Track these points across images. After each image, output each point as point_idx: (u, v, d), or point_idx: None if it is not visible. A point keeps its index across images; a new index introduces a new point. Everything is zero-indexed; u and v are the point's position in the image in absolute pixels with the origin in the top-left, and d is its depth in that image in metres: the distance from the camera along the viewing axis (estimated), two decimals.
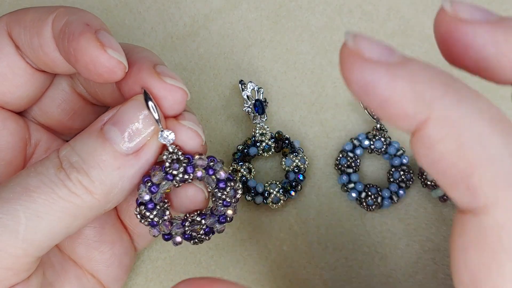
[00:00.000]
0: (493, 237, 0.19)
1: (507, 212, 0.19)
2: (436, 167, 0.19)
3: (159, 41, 0.37)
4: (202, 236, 0.28)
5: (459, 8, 0.20)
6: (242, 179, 0.35)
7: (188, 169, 0.27)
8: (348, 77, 0.20)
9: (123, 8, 0.38)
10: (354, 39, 0.20)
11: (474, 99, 0.19)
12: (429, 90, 0.19)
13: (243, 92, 0.36)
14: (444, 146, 0.19)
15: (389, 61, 0.19)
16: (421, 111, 0.19)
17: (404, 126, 0.20)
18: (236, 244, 0.35)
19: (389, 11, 0.39)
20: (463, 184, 0.19)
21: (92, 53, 0.25)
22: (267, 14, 0.39)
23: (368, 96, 0.19)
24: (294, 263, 0.35)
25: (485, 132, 0.19)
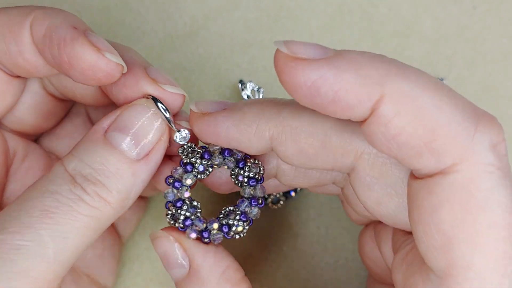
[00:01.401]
0: (464, 193, 0.19)
1: (475, 166, 0.19)
2: (396, 142, 0.20)
3: (159, 41, 0.37)
4: (240, 225, 0.27)
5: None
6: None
7: (205, 155, 0.27)
8: (292, 82, 0.20)
9: (123, 7, 0.38)
10: (286, 45, 0.20)
11: (415, 71, 0.20)
12: (374, 71, 0.20)
13: (243, 92, 0.36)
14: (401, 119, 0.19)
15: (327, 56, 0.20)
16: (373, 92, 0.19)
17: (360, 114, 0.20)
18: (236, 244, 0.35)
19: (389, 11, 0.39)
20: (426, 150, 0.19)
21: (90, 59, 0.24)
22: (267, 14, 0.39)
23: (318, 95, 0.20)
24: (294, 264, 0.35)
25: (436, 98, 0.19)
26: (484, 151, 0.20)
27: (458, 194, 0.20)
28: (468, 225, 0.20)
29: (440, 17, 0.39)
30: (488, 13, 0.40)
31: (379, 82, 0.20)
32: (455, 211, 0.20)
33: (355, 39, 0.39)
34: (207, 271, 0.26)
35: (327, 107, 0.20)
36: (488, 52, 0.39)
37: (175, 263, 0.26)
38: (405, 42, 0.39)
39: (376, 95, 0.20)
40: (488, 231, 0.20)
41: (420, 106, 0.19)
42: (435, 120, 0.19)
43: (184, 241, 0.26)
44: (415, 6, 0.39)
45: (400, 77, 0.20)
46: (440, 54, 0.39)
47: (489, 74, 0.39)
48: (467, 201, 0.20)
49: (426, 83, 0.20)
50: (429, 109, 0.19)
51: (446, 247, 0.20)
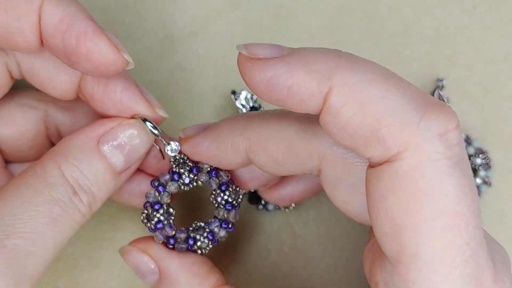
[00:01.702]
0: (409, 180, 0.20)
1: (419, 154, 0.20)
2: (346, 131, 0.21)
3: (159, 41, 0.37)
4: (205, 242, 0.29)
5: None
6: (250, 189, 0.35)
7: (193, 170, 0.29)
8: (252, 81, 0.22)
9: (123, 7, 0.38)
10: (246, 47, 0.22)
11: (365, 63, 0.21)
12: (324, 65, 0.21)
13: (237, 102, 0.36)
14: (348, 109, 0.20)
15: (279, 54, 0.21)
16: (323, 84, 0.21)
17: (314, 106, 0.21)
18: (236, 244, 0.35)
19: (389, 11, 0.39)
20: (373, 138, 0.20)
21: (110, 57, 0.25)
22: (267, 14, 0.39)
23: (274, 90, 0.21)
24: (294, 264, 0.35)
25: (382, 88, 0.20)
26: (429, 139, 0.20)
27: (403, 182, 0.20)
28: (414, 213, 0.20)
29: (440, 17, 0.39)
30: (488, 13, 0.40)
31: (327, 75, 0.21)
32: (401, 198, 0.20)
33: (355, 39, 0.39)
34: (175, 271, 0.28)
35: (284, 101, 0.22)
36: (488, 52, 0.39)
37: (146, 271, 0.28)
38: (405, 42, 0.39)
39: (326, 87, 0.21)
40: (434, 219, 0.20)
41: (366, 96, 0.20)
42: (380, 109, 0.20)
43: (149, 250, 0.28)
44: (415, 6, 0.39)
45: (348, 70, 0.21)
46: (440, 54, 0.39)
47: (489, 74, 0.39)
48: (412, 188, 0.20)
49: (373, 74, 0.21)
50: (375, 99, 0.20)
51: (395, 234, 0.20)
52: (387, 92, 0.20)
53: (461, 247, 0.20)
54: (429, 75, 0.39)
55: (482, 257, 0.21)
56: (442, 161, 0.20)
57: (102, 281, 0.34)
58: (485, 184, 0.37)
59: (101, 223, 0.35)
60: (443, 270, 0.20)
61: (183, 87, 0.37)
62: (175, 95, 0.37)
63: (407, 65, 0.39)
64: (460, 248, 0.20)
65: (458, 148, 0.20)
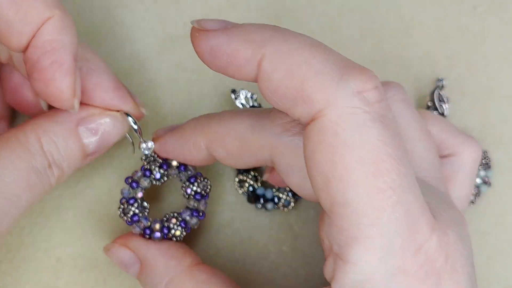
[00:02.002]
0: (331, 134, 0.22)
1: (339, 109, 0.22)
2: (277, 94, 0.23)
3: (158, 41, 0.37)
4: (178, 229, 0.32)
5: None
6: (249, 189, 0.35)
7: (163, 166, 0.32)
8: (199, 49, 0.25)
9: (122, 7, 0.38)
10: (198, 22, 0.25)
11: (296, 36, 0.23)
12: (259, 35, 0.23)
13: (237, 101, 0.36)
14: (278, 73, 0.23)
15: (223, 27, 0.24)
16: (256, 52, 0.23)
17: (250, 72, 0.24)
18: (235, 244, 0.35)
19: (389, 11, 0.39)
20: (300, 98, 0.22)
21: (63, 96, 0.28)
22: (267, 14, 0.39)
23: (216, 58, 0.24)
24: (294, 263, 0.35)
25: (307, 55, 0.23)
26: (347, 96, 0.22)
27: (326, 136, 0.22)
28: (338, 164, 0.22)
29: (440, 17, 0.39)
30: (488, 13, 0.40)
31: (261, 45, 0.23)
32: (326, 151, 0.22)
33: (355, 39, 0.39)
34: (153, 257, 0.31)
35: (226, 69, 0.24)
36: (488, 52, 0.39)
37: (128, 263, 0.31)
38: (405, 42, 0.39)
39: (259, 54, 0.23)
40: (356, 167, 0.21)
41: (293, 61, 0.23)
42: (304, 72, 0.22)
43: (129, 243, 0.31)
44: (415, 6, 0.40)
45: (279, 40, 0.23)
46: (440, 54, 0.39)
47: (489, 74, 0.39)
48: (334, 141, 0.22)
49: (301, 43, 0.23)
50: (300, 63, 0.22)
51: (326, 187, 0.22)
52: (312, 57, 0.23)
53: (385, 192, 0.21)
54: (429, 75, 0.39)
55: (413, 204, 0.22)
56: (360, 115, 0.22)
57: (102, 281, 0.34)
58: (485, 184, 0.37)
59: (100, 223, 0.35)
60: (372, 214, 0.22)
61: (183, 87, 0.37)
62: (175, 94, 0.37)
63: (407, 65, 0.39)
64: (385, 193, 0.21)
65: (378, 105, 0.22)
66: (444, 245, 0.23)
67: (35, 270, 0.34)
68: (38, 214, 0.34)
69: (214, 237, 0.35)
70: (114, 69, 0.36)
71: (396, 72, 0.39)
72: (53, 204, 0.35)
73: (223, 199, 0.36)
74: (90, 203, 0.35)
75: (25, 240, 0.34)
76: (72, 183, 0.35)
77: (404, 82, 0.39)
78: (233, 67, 0.24)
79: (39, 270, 0.34)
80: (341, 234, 0.22)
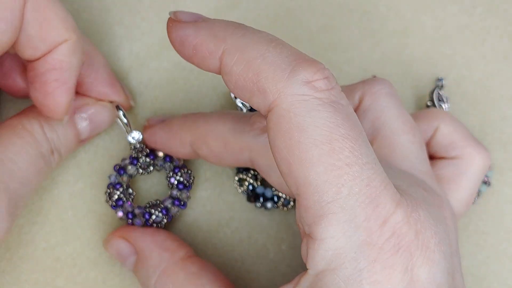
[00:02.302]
0: (285, 121, 0.23)
1: (290, 97, 0.23)
2: (238, 86, 0.25)
3: (158, 40, 0.38)
4: (159, 216, 0.33)
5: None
6: (248, 187, 0.35)
7: (150, 156, 0.34)
8: (170, 39, 0.26)
9: (122, 7, 0.38)
10: (174, 13, 0.27)
11: (256, 32, 0.25)
12: (222, 31, 0.25)
13: (237, 100, 0.36)
14: (237, 66, 0.24)
15: (195, 20, 0.26)
16: (218, 45, 0.25)
17: (213, 65, 0.25)
18: (235, 243, 0.35)
19: (389, 11, 0.39)
20: (256, 90, 0.24)
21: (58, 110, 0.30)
22: (267, 14, 0.39)
23: (184, 47, 0.26)
24: (293, 263, 0.35)
25: (263, 49, 0.24)
26: (297, 85, 0.23)
27: (281, 123, 0.23)
28: (294, 147, 0.23)
29: (440, 17, 0.39)
30: (488, 13, 0.40)
31: (223, 39, 0.25)
32: (283, 137, 0.23)
33: (355, 39, 0.39)
34: (148, 248, 0.32)
35: (192, 58, 0.26)
36: (488, 52, 0.39)
37: (125, 254, 0.32)
38: (405, 42, 0.39)
39: (221, 48, 0.25)
40: (311, 148, 0.23)
41: (250, 55, 0.24)
42: (259, 65, 0.24)
43: (127, 235, 0.33)
44: (415, 6, 0.40)
45: (239, 36, 0.25)
46: (440, 54, 0.39)
47: (489, 74, 0.39)
48: (289, 126, 0.23)
49: (259, 39, 0.25)
50: (256, 57, 0.24)
51: (289, 171, 0.23)
52: (267, 51, 0.24)
53: (341, 169, 0.23)
54: (429, 75, 0.39)
55: (374, 179, 0.23)
56: (310, 100, 0.23)
57: (101, 281, 0.34)
58: (485, 184, 0.37)
59: (99, 222, 0.35)
60: (331, 190, 0.23)
61: (182, 87, 0.37)
62: (175, 94, 0.37)
63: (407, 65, 0.39)
64: (341, 169, 0.23)
65: (328, 92, 0.23)
66: (414, 221, 0.23)
67: (34, 269, 0.34)
68: (37, 213, 0.34)
69: (214, 236, 0.35)
70: (114, 69, 0.36)
71: (395, 72, 0.39)
72: (52, 204, 0.35)
73: (223, 198, 0.36)
74: (89, 203, 0.35)
75: (24, 239, 0.34)
76: (71, 183, 0.35)
77: (404, 82, 0.39)
78: (198, 58, 0.26)
79: (38, 269, 0.34)
80: (308, 214, 0.23)
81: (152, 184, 0.36)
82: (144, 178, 0.36)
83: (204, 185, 0.36)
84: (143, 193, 0.36)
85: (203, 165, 0.36)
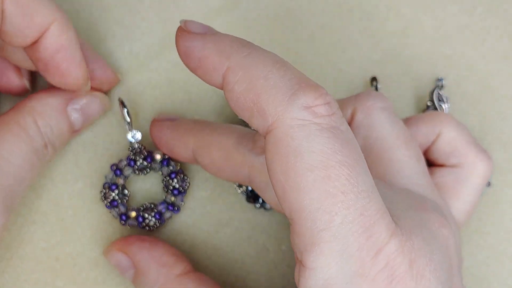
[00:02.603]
0: (283, 144, 0.23)
1: (288, 121, 0.23)
2: (238, 104, 0.24)
3: (158, 40, 0.37)
4: (152, 220, 0.34)
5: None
6: (248, 188, 0.35)
7: (148, 158, 0.34)
8: (177, 48, 0.26)
9: (122, 7, 0.38)
10: (184, 23, 0.26)
11: (261, 52, 0.25)
12: (228, 48, 0.25)
13: None
14: (239, 85, 0.24)
15: (203, 32, 0.26)
16: (223, 62, 0.24)
17: (216, 80, 0.25)
18: (235, 244, 0.35)
19: (389, 11, 0.39)
20: (256, 111, 0.24)
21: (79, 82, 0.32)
22: (267, 14, 0.39)
23: (189, 59, 0.25)
24: (293, 263, 0.35)
25: (266, 70, 0.24)
26: (296, 110, 0.23)
27: (279, 147, 0.23)
28: (290, 172, 0.22)
29: (440, 17, 0.39)
30: (488, 13, 0.40)
31: (228, 56, 0.24)
32: (280, 161, 0.23)
33: (355, 39, 0.39)
34: (145, 263, 0.32)
35: (196, 70, 0.26)
36: (488, 52, 0.39)
37: (124, 266, 0.32)
38: (405, 42, 0.39)
39: (225, 65, 0.24)
40: (306, 174, 0.22)
41: (253, 75, 0.24)
42: (261, 86, 0.24)
43: (125, 248, 0.33)
44: (415, 6, 0.39)
45: (244, 54, 0.24)
46: (440, 54, 0.39)
47: (489, 74, 0.39)
48: (286, 150, 0.23)
49: (264, 59, 0.24)
50: (258, 78, 0.24)
51: (284, 195, 0.23)
52: (270, 73, 0.24)
53: (336, 196, 0.22)
54: (429, 75, 0.39)
55: (369, 208, 0.22)
56: (309, 125, 0.23)
57: (101, 281, 0.34)
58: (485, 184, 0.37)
59: (99, 222, 0.35)
60: (324, 217, 0.22)
61: (182, 87, 0.37)
62: (175, 94, 0.37)
63: (407, 65, 0.39)
64: (336, 197, 0.22)
65: (328, 118, 0.23)
66: (408, 250, 0.23)
67: (34, 269, 0.34)
68: (37, 213, 0.34)
69: (213, 236, 0.35)
70: (114, 69, 0.36)
71: (395, 72, 0.39)
72: (52, 203, 0.35)
73: (222, 199, 0.36)
74: (89, 203, 0.35)
75: (24, 239, 0.34)
76: (71, 182, 0.35)
77: (404, 82, 0.39)
78: (202, 72, 0.25)
79: (38, 269, 0.34)
80: (300, 241, 0.23)
81: (148, 186, 0.36)
82: (140, 179, 0.36)
83: (204, 185, 0.36)
84: (138, 194, 0.36)
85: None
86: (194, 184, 0.36)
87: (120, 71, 0.37)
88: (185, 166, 0.36)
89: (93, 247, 0.34)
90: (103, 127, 0.36)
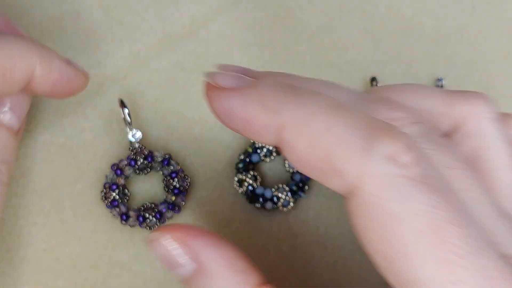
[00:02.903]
0: (376, 209, 0.20)
1: (374, 179, 0.20)
2: (304, 165, 0.21)
3: (158, 40, 0.37)
4: (153, 220, 0.34)
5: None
6: (248, 188, 0.35)
7: (148, 158, 0.34)
8: (213, 108, 0.23)
9: (121, 7, 0.38)
10: (210, 76, 0.23)
11: (313, 98, 0.21)
12: (275, 101, 0.21)
13: None
14: (300, 144, 0.21)
15: (239, 86, 0.22)
16: (275, 120, 0.21)
17: (269, 138, 0.22)
18: (235, 244, 0.35)
19: (389, 11, 0.39)
20: (328, 170, 0.21)
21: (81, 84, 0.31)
22: (267, 14, 0.39)
23: (231, 120, 0.22)
24: (293, 263, 0.35)
25: (328, 121, 0.21)
26: (380, 164, 0.20)
27: (372, 213, 0.20)
28: (394, 241, 0.20)
29: (440, 17, 0.39)
30: (488, 13, 0.40)
31: (278, 111, 0.21)
32: (378, 230, 0.20)
33: (355, 39, 0.39)
34: (215, 265, 0.25)
35: (242, 131, 0.22)
36: (488, 52, 0.39)
37: (180, 261, 0.25)
38: (405, 42, 0.39)
39: (277, 121, 0.21)
40: (414, 241, 0.19)
41: (314, 130, 0.21)
42: (328, 141, 0.20)
43: (186, 239, 0.25)
44: (415, 6, 0.40)
45: (296, 105, 0.21)
46: (440, 54, 0.39)
47: (489, 74, 0.39)
48: (383, 217, 0.20)
49: (320, 108, 0.21)
50: (321, 131, 0.20)
51: (390, 266, 0.20)
52: (333, 123, 0.21)
53: (454, 262, 0.19)
54: (429, 75, 0.39)
55: (490, 267, 0.20)
56: (401, 182, 0.20)
57: (101, 281, 0.34)
58: None
59: (99, 223, 0.35)
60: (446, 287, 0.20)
61: (182, 87, 0.37)
62: (174, 94, 0.37)
63: (407, 65, 0.39)
64: (454, 262, 0.19)
65: (416, 166, 0.20)
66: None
67: (34, 270, 0.34)
68: (37, 215, 0.34)
69: None
70: (113, 69, 0.36)
71: (395, 72, 0.39)
72: (52, 205, 0.35)
73: (222, 199, 0.36)
74: (89, 204, 0.35)
75: (24, 240, 0.34)
76: (71, 183, 0.35)
77: (404, 82, 0.39)
78: (250, 132, 0.22)
79: (38, 270, 0.34)
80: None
81: (148, 185, 0.36)
82: (141, 179, 0.36)
83: (204, 185, 0.36)
84: (139, 193, 0.36)
85: (203, 166, 0.36)
86: (194, 184, 0.36)
87: (120, 71, 0.37)
88: (185, 165, 0.36)
89: (93, 248, 0.34)
90: (103, 127, 0.36)
